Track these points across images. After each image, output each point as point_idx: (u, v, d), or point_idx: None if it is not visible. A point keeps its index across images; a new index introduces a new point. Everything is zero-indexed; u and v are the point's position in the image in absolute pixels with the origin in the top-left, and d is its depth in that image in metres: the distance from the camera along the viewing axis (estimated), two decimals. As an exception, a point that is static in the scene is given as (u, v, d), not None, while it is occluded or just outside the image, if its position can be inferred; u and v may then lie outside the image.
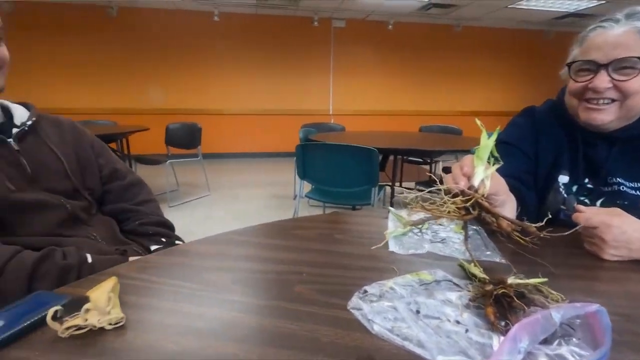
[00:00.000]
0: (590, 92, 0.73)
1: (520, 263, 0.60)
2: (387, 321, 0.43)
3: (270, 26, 5.81)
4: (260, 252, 0.64)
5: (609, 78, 0.70)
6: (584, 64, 0.74)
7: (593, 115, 0.74)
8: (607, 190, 0.76)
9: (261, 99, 6.06)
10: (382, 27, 6.06)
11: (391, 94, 6.52)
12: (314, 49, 6.06)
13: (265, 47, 5.88)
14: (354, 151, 1.86)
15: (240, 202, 3.55)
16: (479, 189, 0.50)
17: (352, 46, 6.17)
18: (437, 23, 6.29)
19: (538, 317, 0.38)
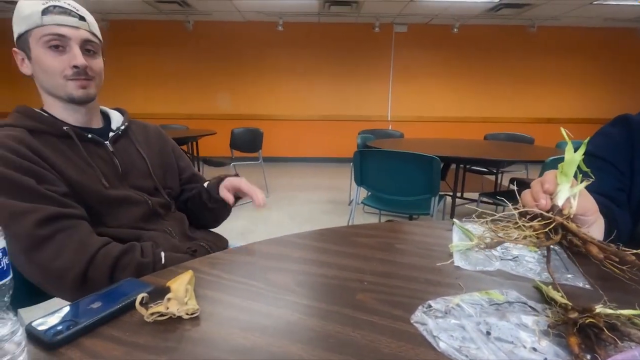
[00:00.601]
0: None
1: (609, 290, 0.54)
2: (454, 340, 0.41)
3: (331, 33, 5.91)
4: (320, 257, 0.65)
5: None
6: None
7: None
8: None
9: (320, 105, 6.18)
10: (446, 31, 5.84)
11: (454, 100, 6.24)
12: (374, 55, 6.04)
13: (326, 54, 5.99)
14: (413, 158, 1.81)
15: (297, 205, 3.64)
16: (563, 209, 0.45)
17: (413, 51, 6.04)
18: (507, 24, 5.89)
19: (635, 354, 0.34)
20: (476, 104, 6.26)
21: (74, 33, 0.76)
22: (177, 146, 1.08)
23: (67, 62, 0.75)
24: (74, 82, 0.77)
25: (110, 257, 0.71)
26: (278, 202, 3.76)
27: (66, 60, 0.75)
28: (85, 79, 0.78)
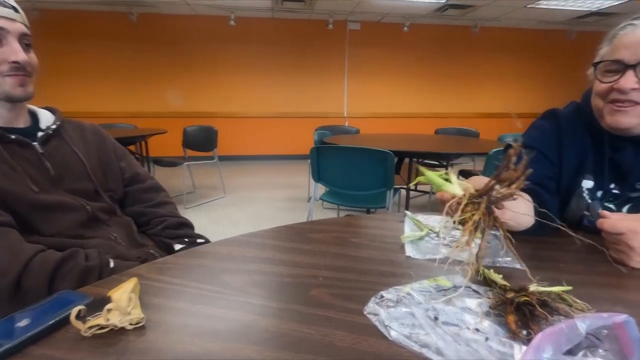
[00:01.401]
0: (615, 93, 0.70)
1: (542, 270, 0.58)
2: (405, 327, 0.43)
3: (285, 30, 5.86)
4: (277, 255, 0.64)
5: (636, 79, 0.67)
6: (611, 64, 0.70)
7: (618, 118, 0.71)
8: (635, 196, 0.73)
9: (276, 101, 6.11)
10: (397, 29, 6.02)
11: (407, 96, 6.47)
12: (329, 52, 6.08)
13: (281, 51, 5.93)
14: (368, 154, 1.85)
15: (255, 204, 3.58)
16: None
17: (367, 48, 6.16)
18: (453, 24, 6.21)
19: (562, 327, 0.37)
20: (427, 100, 6.54)
21: (12, 26, 0.69)
22: (120, 146, 1.02)
23: (4, 57, 0.68)
24: (12, 79, 0.70)
25: (48, 263, 0.65)
26: (237, 201, 3.67)
27: (3, 54, 0.68)
28: (24, 75, 0.71)
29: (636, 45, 0.67)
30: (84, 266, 0.69)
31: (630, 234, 0.58)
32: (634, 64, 0.67)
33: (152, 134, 3.51)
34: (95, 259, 0.72)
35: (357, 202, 2.18)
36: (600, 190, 0.77)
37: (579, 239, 0.52)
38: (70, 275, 0.67)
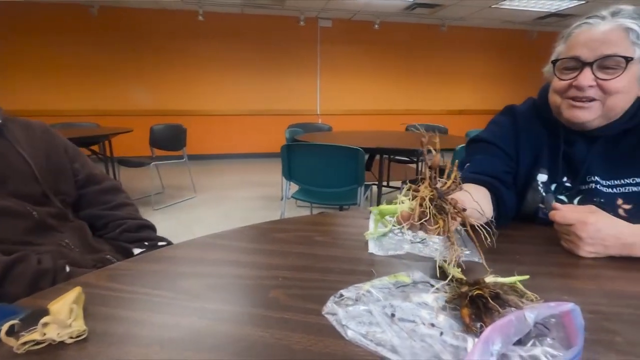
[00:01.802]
0: (573, 90, 0.72)
1: (498, 262, 0.60)
2: (362, 326, 0.42)
3: (256, 26, 5.77)
4: (238, 257, 0.63)
5: (593, 76, 0.69)
6: (569, 61, 0.72)
7: (576, 113, 0.73)
8: (584, 189, 0.77)
9: (248, 99, 6.02)
10: (368, 27, 6.07)
11: (379, 94, 6.55)
12: (301, 49, 6.04)
13: (252, 47, 5.83)
14: (339, 151, 1.85)
15: (227, 204, 3.52)
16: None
17: (339, 46, 6.17)
18: (422, 23, 6.33)
19: (511, 319, 0.38)
20: (399, 98, 6.65)
21: None
22: (72, 145, 0.96)
23: None
24: None
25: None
26: (208, 201, 3.59)
27: None
28: None
29: (593, 43, 0.69)
30: (35, 269, 0.65)
31: (579, 224, 0.61)
32: (591, 62, 0.69)
33: (117, 133, 3.36)
34: (49, 262, 0.68)
35: (329, 200, 2.18)
36: (554, 184, 0.80)
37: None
38: (21, 278, 0.63)
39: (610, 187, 0.74)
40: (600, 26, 0.69)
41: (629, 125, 0.74)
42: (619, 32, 0.67)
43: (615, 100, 0.70)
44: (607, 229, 0.59)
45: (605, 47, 0.67)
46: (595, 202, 0.73)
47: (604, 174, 0.75)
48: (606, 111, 0.72)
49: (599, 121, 0.74)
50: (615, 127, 0.74)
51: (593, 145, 0.77)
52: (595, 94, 0.70)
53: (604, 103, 0.71)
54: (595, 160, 0.76)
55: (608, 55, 0.67)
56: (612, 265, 0.59)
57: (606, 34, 0.68)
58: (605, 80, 0.69)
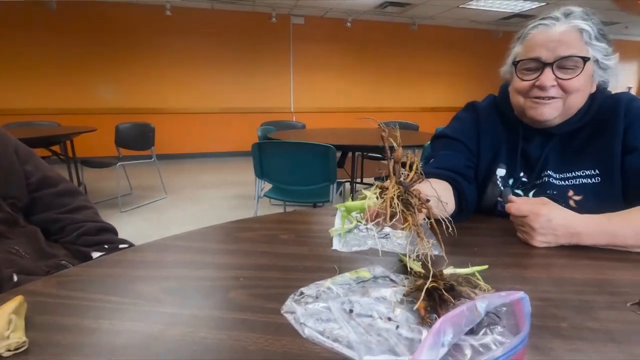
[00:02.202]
0: (536, 90, 0.74)
1: (458, 254, 0.62)
2: (320, 323, 0.42)
3: (227, 22, 5.65)
4: (198, 258, 0.61)
5: (554, 76, 0.72)
6: (530, 62, 0.75)
7: (540, 111, 0.75)
8: (539, 183, 0.80)
9: (220, 97, 5.90)
10: (341, 25, 6.10)
11: (352, 91, 6.59)
12: (273, 46, 5.98)
13: (223, 44, 5.72)
14: (310, 148, 1.85)
15: (199, 204, 3.44)
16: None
17: (312, 43, 6.16)
18: (394, 21, 6.43)
19: (463, 309, 0.39)
20: (372, 95, 6.73)
21: None
22: (24, 147, 0.90)
23: None
24: None
25: None
26: (179, 202, 3.49)
27: None
28: None
29: (550, 44, 0.71)
30: None
31: (532, 216, 0.63)
32: (551, 62, 0.72)
33: (79, 132, 3.20)
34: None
35: (302, 197, 2.17)
36: (511, 178, 0.83)
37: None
38: None
39: (562, 180, 0.78)
40: (556, 27, 0.71)
41: (581, 123, 0.78)
42: (573, 33, 0.70)
43: (575, 98, 0.74)
44: (557, 219, 0.62)
45: (563, 48, 0.70)
46: (549, 194, 0.77)
47: (556, 168, 0.79)
48: (566, 109, 0.75)
49: (559, 118, 0.77)
50: (570, 124, 0.78)
51: (549, 142, 0.80)
52: (557, 93, 0.74)
53: (564, 101, 0.74)
54: (550, 156, 0.80)
55: (567, 56, 0.70)
56: (562, 253, 0.62)
57: (562, 35, 0.71)
58: (565, 80, 0.72)
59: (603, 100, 0.77)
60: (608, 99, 0.77)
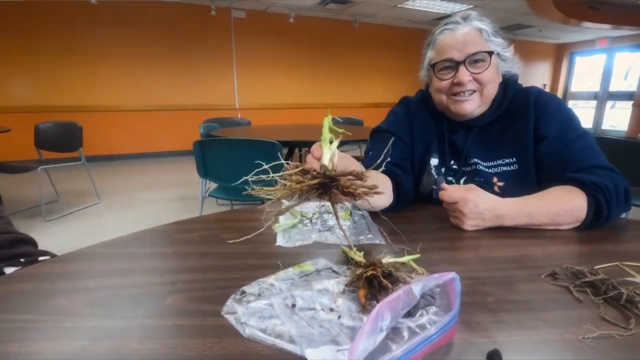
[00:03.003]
0: (456, 87, 0.82)
1: (398, 242, 0.64)
2: (262, 321, 0.41)
3: (162, 13, 5.32)
4: (129, 264, 0.56)
5: (468, 72, 0.80)
6: (444, 63, 0.82)
7: (461, 106, 0.83)
8: (468, 170, 0.87)
9: (158, 93, 5.55)
10: (283, 20, 6.04)
11: (298, 87, 6.59)
12: (214, 41, 5.76)
13: (159, 37, 5.38)
14: (255, 145, 1.81)
15: (139, 208, 3.21)
16: (329, 164, 0.52)
17: (255, 38, 6.03)
18: (336, 18, 6.52)
19: (400, 294, 0.40)
20: (318, 91, 6.78)
21: None
22: None
23: None
24: None
25: None
26: (115, 207, 3.23)
27: None
28: None
29: (458, 45, 0.80)
30: None
31: (462, 201, 0.68)
32: (463, 60, 0.80)
33: (-12, 133, 2.81)
34: None
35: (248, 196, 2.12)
36: (443, 167, 0.89)
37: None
38: None
39: (488, 168, 0.85)
40: (459, 30, 0.80)
41: (496, 115, 0.86)
42: (474, 33, 0.80)
43: (489, 88, 0.83)
44: (483, 203, 0.68)
45: (469, 46, 0.79)
46: (477, 181, 0.83)
47: (482, 156, 0.86)
48: (484, 99, 0.84)
49: (479, 109, 0.85)
50: (486, 116, 0.86)
51: (470, 132, 0.88)
52: (473, 86, 0.82)
53: (481, 93, 0.83)
54: (473, 145, 0.87)
55: (474, 52, 0.79)
56: (489, 235, 0.68)
57: (466, 35, 0.80)
58: (477, 73, 0.80)
59: (515, 94, 0.86)
60: (520, 92, 0.87)
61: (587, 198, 0.69)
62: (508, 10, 5.80)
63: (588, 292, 0.48)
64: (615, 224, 0.73)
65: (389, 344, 0.37)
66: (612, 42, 8.37)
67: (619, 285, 0.47)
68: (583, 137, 0.79)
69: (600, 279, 0.49)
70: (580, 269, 0.53)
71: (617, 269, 0.55)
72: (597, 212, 0.69)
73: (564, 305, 0.46)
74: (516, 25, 6.94)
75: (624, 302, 0.45)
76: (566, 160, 0.76)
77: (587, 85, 9.24)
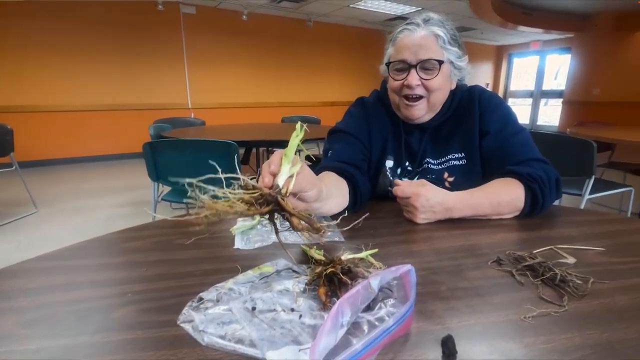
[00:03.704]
0: (405, 89, 0.84)
1: (357, 238, 0.65)
2: (221, 327, 0.40)
3: (103, 7, 4.96)
4: (73, 278, 0.52)
5: (418, 76, 0.82)
6: (398, 63, 0.84)
7: (410, 111, 0.86)
8: (419, 170, 0.91)
9: (102, 92, 5.18)
10: (236, 17, 5.91)
11: (253, 86, 6.47)
12: (163, 37, 5.48)
13: (102, 32, 5.01)
14: (210, 146, 1.75)
15: (83, 216, 2.98)
16: (283, 187, 0.50)
17: (206, 35, 5.83)
18: (291, 17, 6.49)
19: (358, 289, 0.41)
20: (274, 90, 6.72)
21: None
22: None
23: None
24: None
25: None
26: (56, 216, 2.97)
27: None
28: None
29: (413, 47, 0.81)
30: None
31: (414, 196, 0.71)
32: (415, 64, 0.81)
33: None
34: None
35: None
36: (399, 168, 0.92)
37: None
38: None
39: (438, 165, 0.89)
40: (417, 32, 0.81)
41: (446, 117, 0.90)
42: (431, 38, 0.81)
43: (437, 95, 0.85)
44: (433, 197, 0.71)
45: (422, 51, 0.80)
46: (429, 178, 0.87)
47: (434, 155, 0.90)
48: (431, 106, 0.86)
49: (428, 115, 0.88)
50: (437, 119, 0.90)
51: (424, 134, 0.91)
52: (422, 92, 0.84)
53: (428, 100, 0.85)
54: (427, 147, 0.91)
55: (426, 59, 0.80)
56: (440, 227, 0.71)
57: (422, 39, 0.80)
58: (426, 80, 0.82)
59: (461, 94, 0.91)
60: (465, 92, 0.91)
61: (525, 189, 0.75)
62: (453, 13, 6.14)
63: (528, 275, 0.52)
64: (549, 211, 0.80)
65: (350, 339, 0.38)
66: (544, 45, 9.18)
67: (553, 267, 0.52)
68: (520, 133, 0.85)
69: (538, 262, 0.54)
70: (521, 254, 0.58)
71: (552, 251, 0.60)
72: (533, 201, 0.75)
73: (507, 288, 0.49)
74: (460, 27, 7.37)
75: (558, 282, 0.50)
76: (505, 154, 0.83)
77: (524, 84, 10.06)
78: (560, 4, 6.47)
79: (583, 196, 2.01)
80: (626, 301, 0.46)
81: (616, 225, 0.72)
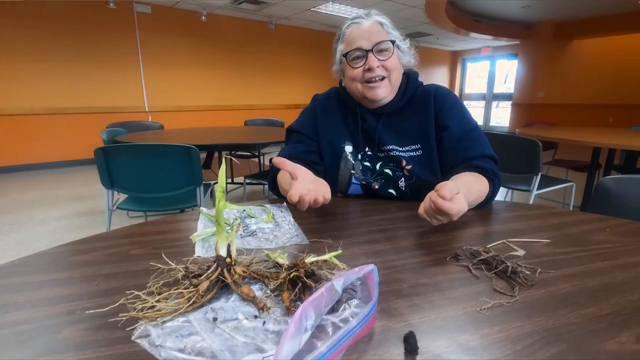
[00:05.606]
0: (367, 73, 0.90)
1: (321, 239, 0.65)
2: (180, 340, 0.38)
3: (47, 4, 4.62)
4: (12, 298, 0.48)
5: (376, 59, 0.88)
6: (355, 52, 0.90)
7: (376, 92, 0.91)
8: (383, 156, 0.95)
9: (47, 95, 4.82)
10: (194, 17, 5.74)
11: (215, 89, 6.32)
12: (116, 37, 5.21)
13: (44, 31, 4.66)
14: (169, 150, 1.68)
15: (27, 229, 2.75)
16: (227, 257, 0.49)
17: (163, 35, 5.61)
18: (251, 19, 6.42)
19: (322, 291, 0.41)
20: (236, 93, 6.59)
21: None
22: None
23: None
24: None
25: None
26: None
27: None
28: None
29: (365, 34, 0.88)
30: None
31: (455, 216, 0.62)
32: (370, 48, 0.88)
33: None
34: None
35: (165, 205, 1.97)
36: (359, 153, 0.97)
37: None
38: None
39: (400, 152, 0.94)
40: (364, 23, 0.90)
41: (401, 104, 0.96)
42: (377, 25, 0.90)
43: (395, 75, 0.92)
44: (464, 208, 0.64)
45: (375, 36, 0.88)
46: (391, 166, 0.93)
47: (397, 143, 0.94)
48: (393, 86, 0.93)
49: (390, 95, 0.94)
50: (393, 104, 0.96)
51: (379, 119, 0.96)
52: (383, 72, 0.90)
53: (390, 79, 0.92)
54: (384, 132, 0.96)
55: (380, 41, 0.88)
56: (402, 226, 0.73)
57: (371, 27, 0.89)
58: (384, 60, 0.89)
59: (417, 88, 0.98)
60: (421, 88, 0.98)
61: (488, 182, 0.84)
62: (411, 19, 6.37)
63: (483, 269, 0.55)
64: (502, 207, 0.86)
65: (315, 342, 0.38)
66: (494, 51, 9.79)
67: (505, 260, 0.55)
68: (476, 129, 0.93)
69: (491, 256, 0.57)
70: (476, 249, 0.60)
71: (504, 245, 0.64)
72: (491, 196, 0.85)
73: (465, 282, 0.51)
74: (417, 33, 7.67)
75: (509, 274, 0.53)
76: (465, 148, 0.89)
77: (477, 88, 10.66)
78: (506, 13, 6.93)
79: (531, 192, 2.16)
80: (569, 288, 0.50)
81: (560, 218, 0.78)
